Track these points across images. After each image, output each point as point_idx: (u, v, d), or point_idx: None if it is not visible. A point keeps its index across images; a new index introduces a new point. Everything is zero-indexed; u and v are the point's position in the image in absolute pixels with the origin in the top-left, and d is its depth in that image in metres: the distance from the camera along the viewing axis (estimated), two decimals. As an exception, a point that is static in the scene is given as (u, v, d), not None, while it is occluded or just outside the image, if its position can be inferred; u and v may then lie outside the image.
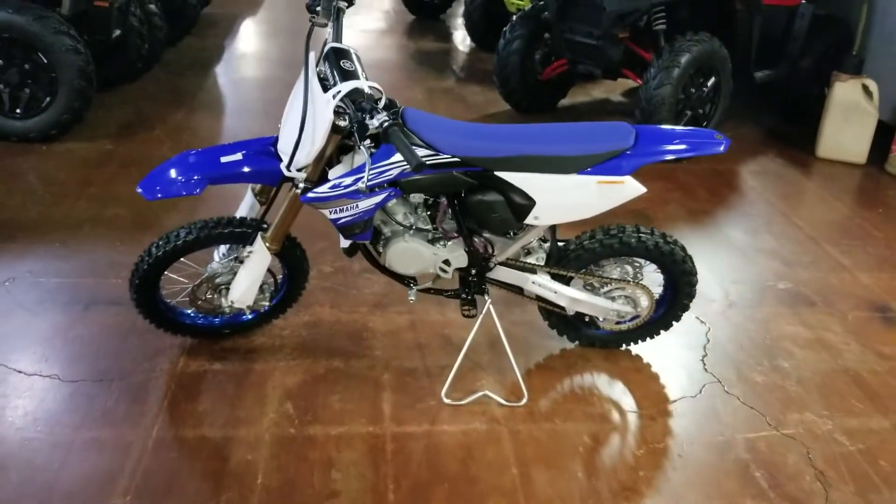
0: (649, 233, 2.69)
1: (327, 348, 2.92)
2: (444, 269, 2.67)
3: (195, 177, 2.40)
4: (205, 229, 2.57)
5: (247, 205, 2.74)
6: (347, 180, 2.35)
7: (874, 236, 4.18)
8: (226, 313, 2.81)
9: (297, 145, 2.28)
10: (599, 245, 2.67)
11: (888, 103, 5.28)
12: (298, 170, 2.37)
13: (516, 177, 2.42)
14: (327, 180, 2.37)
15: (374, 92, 2.27)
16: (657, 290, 2.88)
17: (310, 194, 2.38)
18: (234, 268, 2.69)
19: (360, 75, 2.31)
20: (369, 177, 2.33)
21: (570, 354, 2.98)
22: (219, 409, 2.58)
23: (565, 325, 2.93)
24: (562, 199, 2.46)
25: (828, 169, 5.15)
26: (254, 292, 2.67)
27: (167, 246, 2.58)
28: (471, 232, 2.61)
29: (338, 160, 2.42)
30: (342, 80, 2.25)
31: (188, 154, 2.47)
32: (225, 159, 2.43)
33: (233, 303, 2.68)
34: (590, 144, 2.40)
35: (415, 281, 2.77)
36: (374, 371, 2.81)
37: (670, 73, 4.74)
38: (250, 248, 2.60)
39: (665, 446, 2.55)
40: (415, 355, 2.91)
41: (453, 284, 2.79)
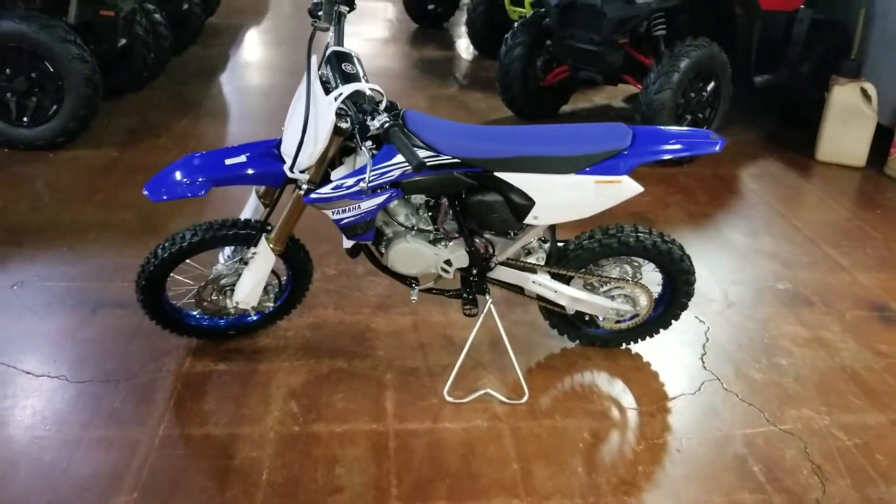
0: (647, 232, 2.73)
1: (331, 349, 2.96)
2: (445, 270, 2.71)
3: (200, 179, 2.44)
4: (210, 231, 2.62)
5: (251, 207, 2.78)
6: (349, 181, 2.39)
7: (873, 237, 4.21)
8: (231, 314, 2.85)
9: (300, 147, 2.32)
10: (598, 245, 2.71)
11: (887, 106, 5.32)
12: (301, 171, 2.41)
13: (516, 177, 2.46)
14: (330, 181, 2.42)
15: (375, 94, 2.31)
16: (656, 289, 2.91)
17: (313, 195, 2.43)
18: (238, 269, 2.73)
19: (361, 78, 2.36)
20: (371, 178, 2.37)
21: (571, 353, 3.01)
22: (224, 408, 2.62)
23: (566, 324, 2.97)
24: (560, 198, 2.50)
25: (827, 172, 5.19)
26: (258, 293, 2.71)
27: (173, 248, 2.62)
28: (471, 232, 2.65)
29: (340, 162, 2.46)
30: (343, 83, 2.30)
31: (193, 156, 2.52)
32: (229, 161, 2.48)
33: (237, 304, 2.72)
34: (587, 145, 2.45)
35: (417, 281, 2.81)
36: (377, 371, 2.85)
37: (670, 78, 4.79)
38: (254, 250, 2.64)
39: (664, 442, 2.58)
40: (417, 355, 2.95)
41: (455, 284, 2.83)
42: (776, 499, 2.36)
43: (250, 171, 2.49)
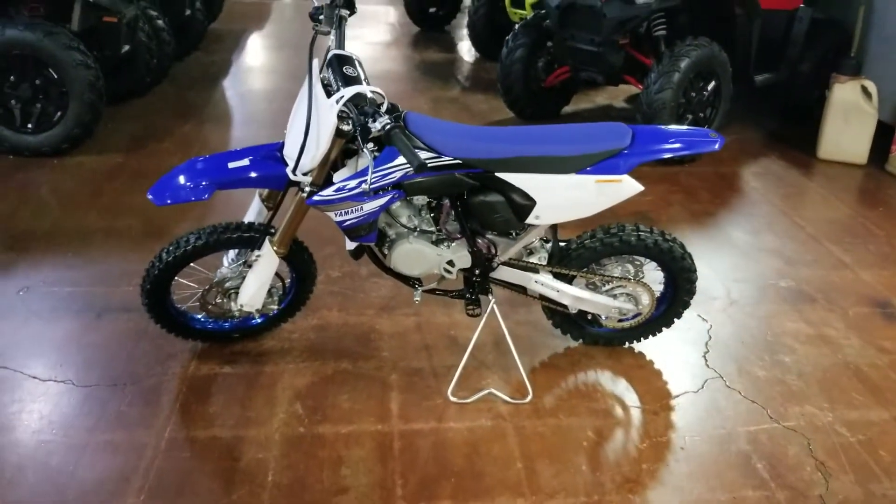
0: (648, 231, 2.74)
1: (335, 350, 2.97)
2: (448, 270, 2.72)
3: (203, 182, 2.46)
4: (214, 234, 2.63)
5: (254, 210, 2.80)
6: (352, 183, 2.41)
7: (875, 234, 4.22)
8: (235, 317, 2.86)
9: (303, 150, 2.34)
10: (600, 244, 2.72)
11: (887, 103, 5.32)
12: (304, 174, 2.43)
13: (516, 177, 2.48)
14: (332, 184, 2.43)
15: (376, 96, 2.33)
16: (658, 287, 2.92)
17: (315, 197, 2.44)
18: (242, 272, 2.75)
19: (362, 81, 2.37)
20: (373, 179, 2.39)
21: (574, 352, 3.02)
22: (229, 411, 2.64)
23: (569, 323, 2.98)
24: (561, 198, 2.51)
25: (829, 169, 5.19)
26: (262, 296, 2.73)
27: (177, 251, 2.64)
28: (474, 233, 2.66)
29: (342, 164, 2.48)
30: (345, 86, 2.31)
31: (196, 161, 2.54)
32: (232, 165, 2.50)
33: (242, 306, 2.74)
34: (588, 144, 2.46)
35: (420, 282, 2.82)
36: (382, 371, 2.86)
37: (670, 78, 4.80)
38: (258, 253, 2.66)
39: (668, 440, 2.59)
40: (421, 356, 2.96)
41: (458, 285, 2.85)
42: (780, 495, 2.37)
43: (253, 175, 2.51)
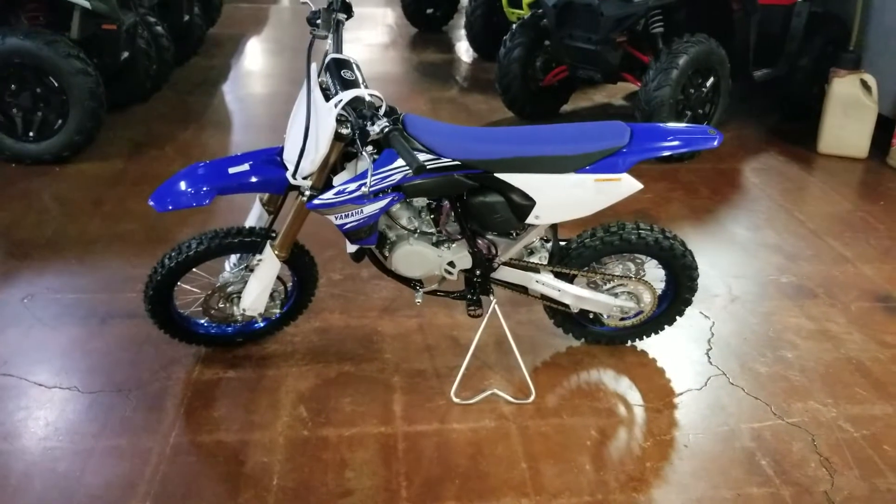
0: (649, 229, 2.74)
1: (338, 353, 2.98)
2: (449, 271, 2.73)
3: (204, 188, 2.47)
4: (215, 239, 2.64)
5: (255, 215, 2.81)
6: (351, 186, 2.42)
7: (876, 228, 4.22)
8: (238, 322, 2.87)
9: (302, 154, 2.35)
10: (601, 243, 2.73)
11: (887, 97, 5.32)
12: (304, 178, 2.44)
13: (516, 178, 2.49)
14: (332, 187, 2.44)
15: (374, 100, 2.34)
16: (659, 285, 2.93)
17: (315, 201, 2.45)
18: (244, 277, 2.76)
19: (360, 84, 2.38)
20: (372, 182, 2.40)
21: (576, 351, 3.03)
22: (234, 415, 2.64)
23: (570, 322, 2.99)
24: (561, 197, 2.52)
25: (829, 164, 5.19)
26: (264, 300, 2.74)
27: (180, 257, 2.65)
28: (474, 233, 2.67)
29: (342, 167, 2.49)
30: (343, 90, 2.32)
31: (197, 166, 2.55)
32: (233, 170, 2.51)
33: (244, 311, 2.74)
34: (586, 143, 2.47)
35: (421, 283, 2.83)
36: (385, 373, 2.87)
37: (669, 75, 4.80)
38: (260, 257, 2.67)
39: (671, 438, 2.59)
40: (424, 357, 2.97)
41: (459, 286, 2.86)
42: (784, 492, 2.38)
43: (253, 179, 2.52)
